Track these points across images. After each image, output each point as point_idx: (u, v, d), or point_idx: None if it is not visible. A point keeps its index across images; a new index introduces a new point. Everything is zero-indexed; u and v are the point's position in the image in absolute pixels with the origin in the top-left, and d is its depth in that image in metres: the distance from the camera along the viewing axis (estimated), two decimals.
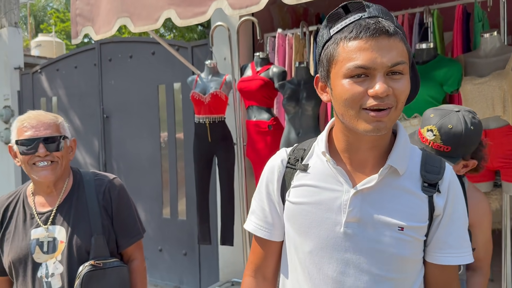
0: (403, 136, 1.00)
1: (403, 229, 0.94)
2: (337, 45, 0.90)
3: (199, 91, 3.42)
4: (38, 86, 5.78)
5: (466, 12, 3.06)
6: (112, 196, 1.62)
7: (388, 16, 0.91)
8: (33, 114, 1.56)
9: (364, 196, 0.96)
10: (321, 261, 0.99)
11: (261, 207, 1.11)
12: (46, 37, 10.82)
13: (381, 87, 0.85)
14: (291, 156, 1.08)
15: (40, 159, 1.50)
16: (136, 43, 4.78)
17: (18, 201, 1.60)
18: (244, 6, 1.95)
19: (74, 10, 2.61)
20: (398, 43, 0.88)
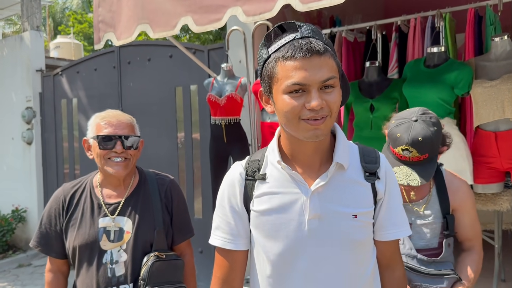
0: (341, 135, 1.14)
1: (357, 216, 1.08)
2: (276, 64, 1.01)
3: (215, 93, 3.52)
4: (59, 88, 5.96)
5: (478, 15, 3.10)
6: (173, 195, 1.76)
7: (318, 35, 1.03)
8: (113, 113, 1.68)
9: (320, 193, 1.08)
10: (292, 258, 1.09)
11: (225, 221, 1.17)
12: (64, 39, 11.06)
13: (316, 102, 0.97)
14: (248, 168, 1.16)
15: (116, 155, 1.62)
16: (154, 46, 4.91)
17: (84, 190, 1.71)
18: (258, 13, 2.04)
19: (96, 17, 2.73)
20: (328, 60, 1.00)
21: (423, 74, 2.72)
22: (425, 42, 3.19)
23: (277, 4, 1.99)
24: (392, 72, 3.33)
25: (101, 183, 1.72)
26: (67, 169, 5.96)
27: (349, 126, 3.30)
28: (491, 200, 2.84)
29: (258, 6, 2.04)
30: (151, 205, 1.70)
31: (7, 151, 6.36)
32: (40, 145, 6.12)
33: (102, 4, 2.69)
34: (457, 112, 3.20)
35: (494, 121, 2.58)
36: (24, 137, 6.09)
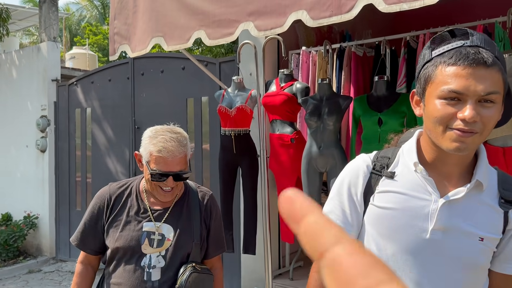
0: (485, 155, 1.08)
1: (483, 239, 1.02)
2: (436, 68, 0.97)
3: (226, 105, 3.59)
4: (73, 98, 6.08)
5: (487, 32, 3.14)
6: (212, 211, 1.78)
7: (490, 46, 0.96)
8: (169, 147, 1.59)
9: (451, 206, 1.03)
10: (404, 264, 1.05)
11: (341, 208, 1.15)
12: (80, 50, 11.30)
13: (470, 113, 0.92)
14: (376, 162, 1.13)
15: (166, 185, 1.63)
16: (167, 58, 5.02)
17: (131, 193, 1.73)
18: (269, 28, 2.10)
19: (112, 29, 2.83)
20: (494, 74, 0.93)
21: None
22: None
23: (288, 20, 2.05)
24: (401, 86, 3.36)
25: (147, 191, 1.73)
26: (79, 177, 6.06)
27: (357, 139, 3.33)
28: None
29: (269, 22, 2.11)
30: (192, 217, 1.72)
31: (21, 159, 6.48)
32: (53, 153, 6.23)
33: (118, 17, 2.78)
34: None
35: (503, 137, 2.60)
36: (38, 145, 6.21)
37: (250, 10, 2.15)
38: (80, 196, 6.03)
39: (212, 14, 2.30)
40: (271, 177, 3.92)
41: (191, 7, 2.38)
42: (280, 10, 2.04)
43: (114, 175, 5.56)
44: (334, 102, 3.16)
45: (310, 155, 3.30)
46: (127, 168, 5.42)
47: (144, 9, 2.61)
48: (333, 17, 1.87)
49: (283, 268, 4.25)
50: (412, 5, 1.68)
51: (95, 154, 5.82)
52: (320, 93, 3.29)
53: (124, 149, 5.46)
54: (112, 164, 5.62)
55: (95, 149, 5.81)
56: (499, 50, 0.99)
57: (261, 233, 3.83)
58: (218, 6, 2.27)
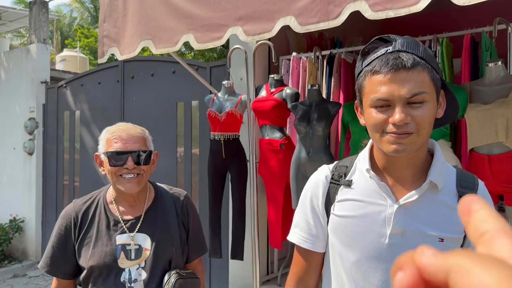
0: (440, 154, 1.09)
1: (443, 240, 1.02)
2: (365, 78, 1.01)
3: (216, 109, 3.58)
4: (62, 100, 6.03)
5: (474, 41, 3.17)
6: (189, 211, 1.70)
7: (413, 48, 0.98)
8: (123, 127, 1.59)
9: (407, 209, 1.04)
10: (367, 271, 1.06)
11: (305, 220, 1.16)
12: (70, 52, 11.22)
13: (399, 117, 0.94)
14: (334, 172, 1.15)
15: (127, 171, 1.53)
16: (157, 62, 5.00)
17: (97, 206, 1.63)
18: (258, 33, 2.11)
19: (101, 32, 2.81)
20: (418, 75, 0.95)
21: None
22: None
23: (276, 25, 2.05)
24: None
25: (115, 199, 1.63)
26: (66, 180, 6.00)
27: (346, 145, 3.34)
28: None
29: (258, 27, 2.11)
30: (168, 221, 1.64)
31: (8, 161, 6.40)
32: (41, 156, 6.17)
33: (107, 20, 2.77)
34: (453, 134, 3.25)
35: (488, 144, 2.62)
36: (25, 147, 6.15)
37: (239, 15, 2.15)
38: (67, 199, 5.97)
39: (201, 18, 2.30)
40: (260, 182, 3.92)
41: (180, 11, 2.37)
42: (268, 15, 2.05)
43: (102, 179, 5.51)
44: (323, 108, 3.17)
45: (299, 160, 3.30)
46: None
47: (134, 12, 2.61)
48: (320, 23, 1.88)
49: (271, 274, 4.24)
50: (398, 13, 1.70)
51: (83, 157, 5.77)
52: (309, 99, 3.30)
53: None
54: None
55: (84, 153, 5.76)
56: (426, 49, 1.00)
57: (249, 239, 3.81)
58: (207, 10, 2.27)
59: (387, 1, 1.74)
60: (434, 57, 1.02)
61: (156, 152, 1.67)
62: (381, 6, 1.75)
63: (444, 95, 1.06)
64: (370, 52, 1.02)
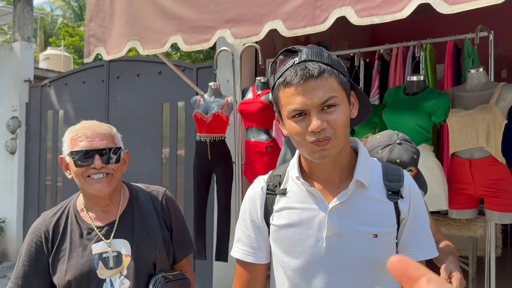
0: (363, 152, 1.12)
1: (377, 235, 1.05)
2: (279, 91, 1.04)
3: (202, 110, 3.58)
4: (46, 99, 5.96)
5: (457, 47, 3.24)
6: (170, 208, 1.59)
7: (318, 55, 1.02)
8: (87, 124, 1.47)
9: (339, 210, 1.07)
10: (309, 275, 1.07)
11: (246, 234, 1.17)
12: (54, 51, 11.09)
13: (315, 124, 0.98)
14: (269, 183, 1.17)
15: (95, 171, 1.42)
16: (143, 62, 4.98)
17: (68, 216, 1.51)
18: (245, 36, 2.12)
19: (88, 31, 2.79)
20: (325, 81, 0.99)
21: (402, 101, 2.82)
22: (406, 70, 3.32)
23: (264, 29, 2.07)
24: (373, 98, 3.43)
25: (86, 206, 1.51)
26: (49, 181, 5.92)
27: None
28: (465, 226, 2.92)
29: (246, 30, 2.13)
30: (148, 222, 1.52)
31: None
32: (23, 156, 6.08)
33: (94, 19, 2.75)
34: (435, 139, 3.31)
35: (469, 149, 2.68)
36: (7, 146, 6.05)
37: (227, 17, 2.17)
38: (49, 200, 5.89)
39: (189, 20, 2.30)
40: (246, 184, 3.93)
41: (168, 12, 2.38)
42: (256, 18, 2.07)
43: None
44: None
45: (284, 162, 3.32)
46: None
47: (121, 12, 2.60)
48: (307, 28, 1.90)
49: None
50: (383, 19, 1.73)
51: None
52: None
53: None
54: None
55: None
56: (330, 55, 1.04)
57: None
58: (195, 12, 2.27)
59: (373, 7, 1.78)
60: (339, 62, 1.06)
61: (127, 151, 1.57)
62: (367, 12, 1.78)
63: (355, 95, 1.10)
64: (279, 64, 1.05)
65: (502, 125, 2.60)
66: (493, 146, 2.59)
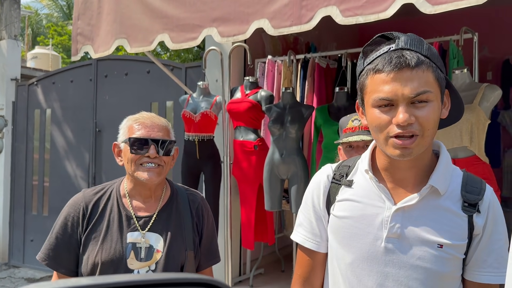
0: (445, 157, 1.05)
1: (442, 246, 0.98)
2: (367, 77, 0.98)
3: (190, 110, 3.59)
4: (33, 98, 5.90)
5: (442, 49, 3.29)
6: (204, 215, 1.59)
7: (417, 46, 0.95)
8: (147, 115, 1.52)
9: (405, 213, 1.00)
10: (361, 273, 1.03)
11: (308, 220, 1.15)
12: (42, 50, 10.98)
13: (403, 117, 0.91)
14: (336, 172, 1.13)
15: (148, 160, 1.45)
16: (132, 61, 4.96)
17: (109, 198, 1.52)
18: (232, 34, 2.14)
19: (75, 29, 2.78)
20: (422, 74, 0.92)
21: None
22: None
23: (250, 27, 2.09)
24: None
25: (129, 193, 1.52)
26: (36, 180, 5.86)
27: (318, 147, 3.40)
28: None
29: (232, 28, 2.14)
30: (183, 223, 1.52)
31: None
32: (10, 155, 6.01)
33: (81, 17, 2.75)
34: None
35: (453, 149, 2.72)
36: None
37: (214, 16, 2.18)
38: (36, 200, 5.83)
39: (176, 18, 2.31)
40: (234, 183, 3.94)
41: (156, 10, 2.38)
42: (243, 17, 2.08)
43: (73, 179, 5.41)
44: (296, 111, 3.22)
45: (272, 162, 3.34)
46: (86, 173, 5.30)
47: (109, 11, 2.59)
48: (293, 27, 1.92)
49: (243, 275, 4.26)
50: (367, 19, 1.76)
51: (53, 157, 5.66)
52: (283, 102, 3.35)
53: (84, 153, 5.33)
54: (71, 168, 5.47)
55: (54, 152, 5.65)
56: (430, 47, 0.98)
57: (222, 240, 3.83)
58: (182, 10, 2.28)
59: (357, 7, 1.80)
60: (438, 56, 0.99)
61: (177, 148, 1.58)
62: (352, 12, 1.81)
63: (448, 94, 1.03)
64: (372, 50, 0.99)
65: (485, 125, 2.65)
66: (476, 146, 2.63)
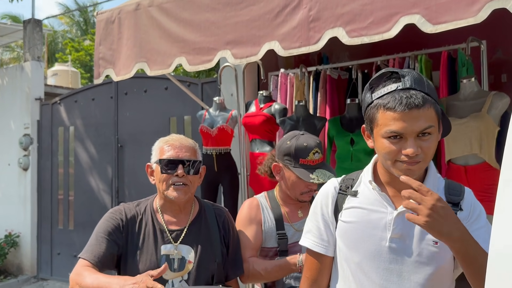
0: (433, 169, 1.23)
1: (437, 243, 1.15)
2: (377, 110, 1.14)
3: (207, 124, 3.72)
4: (57, 116, 6.14)
5: (451, 57, 3.36)
6: (230, 228, 1.72)
7: (420, 85, 1.12)
8: (176, 137, 1.70)
9: (404, 216, 1.14)
10: (369, 271, 1.20)
11: (316, 227, 1.31)
12: (62, 67, 11.31)
13: (411, 150, 1.09)
14: (342, 184, 1.31)
15: (177, 180, 1.59)
16: (150, 79, 5.14)
17: (145, 213, 1.65)
18: (245, 56, 2.27)
19: (97, 54, 2.96)
20: (427, 111, 1.09)
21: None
22: None
23: (262, 49, 2.22)
24: None
25: (161, 208, 1.66)
26: (61, 195, 6.08)
27: (331, 157, 3.49)
28: None
29: (245, 50, 2.27)
30: (211, 236, 1.64)
31: (3, 177, 6.47)
32: (36, 171, 6.25)
33: (103, 42, 2.91)
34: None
35: (464, 156, 2.78)
36: (20, 163, 6.23)
37: (228, 39, 2.31)
38: (62, 214, 6.05)
39: (192, 42, 2.45)
40: (251, 194, 4.04)
41: (173, 35, 2.53)
42: (255, 40, 2.21)
43: (97, 193, 5.60)
44: (309, 123, 3.32)
45: None
46: (109, 186, 5.48)
47: (128, 36, 2.76)
48: (302, 48, 2.04)
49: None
50: (372, 39, 1.86)
51: (77, 172, 5.87)
52: (297, 114, 3.45)
53: (107, 167, 5.53)
54: (94, 182, 5.67)
55: (78, 167, 5.86)
56: (428, 83, 1.15)
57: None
58: (198, 35, 2.42)
59: (362, 28, 1.91)
60: (435, 89, 1.16)
61: (204, 166, 1.72)
62: (357, 33, 1.92)
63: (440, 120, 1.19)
64: (379, 84, 1.16)
65: (495, 132, 2.71)
66: (486, 153, 2.69)
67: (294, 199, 1.86)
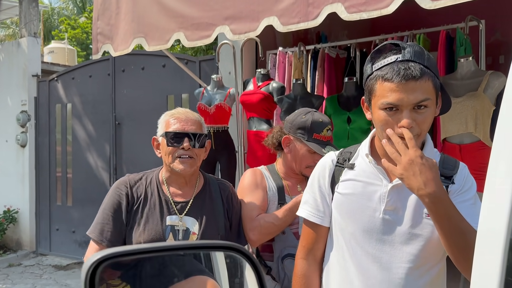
0: (430, 144, 1.25)
1: (429, 215, 1.14)
2: (376, 82, 1.15)
3: (205, 102, 3.73)
4: (54, 93, 6.13)
5: (450, 36, 3.35)
6: (233, 202, 1.75)
7: (419, 57, 1.12)
8: (182, 110, 1.70)
9: (399, 189, 1.20)
10: (362, 241, 1.23)
11: (313, 198, 1.34)
12: (58, 44, 11.22)
13: (406, 121, 1.10)
14: (340, 157, 1.33)
15: (183, 153, 1.60)
16: (148, 56, 5.12)
17: (150, 184, 1.68)
18: (243, 32, 2.27)
19: (95, 29, 2.94)
20: (424, 83, 1.10)
21: None
22: None
23: (260, 25, 2.22)
24: None
25: (166, 180, 1.69)
26: (59, 172, 6.11)
27: None
28: None
29: (244, 26, 2.27)
30: (215, 209, 1.67)
31: (0, 154, 6.49)
32: (33, 148, 6.26)
33: (101, 17, 2.90)
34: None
35: (459, 135, 2.81)
36: (18, 140, 6.24)
37: (226, 14, 2.31)
38: (60, 191, 6.10)
39: (191, 17, 2.44)
40: None
41: (171, 10, 2.52)
42: (253, 15, 2.21)
43: (95, 170, 5.64)
44: (307, 101, 3.33)
45: None
46: (107, 164, 5.51)
47: (126, 11, 2.74)
48: (300, 24, 2.05)
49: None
50: (370, 14, 1.87)
51: (75, 149, 5.89)
52: (294, 92, 3.46)
53: (104, 145, 5.55)
54: (92, 159, 5.70)
55: (76, 145, 5.88)
56: (429, 57, 1.15)
57: None
58: (196, 10, 2.41)
59: (361, 3, 1.91)
60: (436, 64, 1.16)
61: (209, 140, 1.73)
62: (356, 9, 1.92)
63: (440, 95, 1.20)
64: (380, 56, 1.16)
65: (490, 112, 2.73)
66: (481, 132, 2.72)
67: (296, 173, 1.91)
